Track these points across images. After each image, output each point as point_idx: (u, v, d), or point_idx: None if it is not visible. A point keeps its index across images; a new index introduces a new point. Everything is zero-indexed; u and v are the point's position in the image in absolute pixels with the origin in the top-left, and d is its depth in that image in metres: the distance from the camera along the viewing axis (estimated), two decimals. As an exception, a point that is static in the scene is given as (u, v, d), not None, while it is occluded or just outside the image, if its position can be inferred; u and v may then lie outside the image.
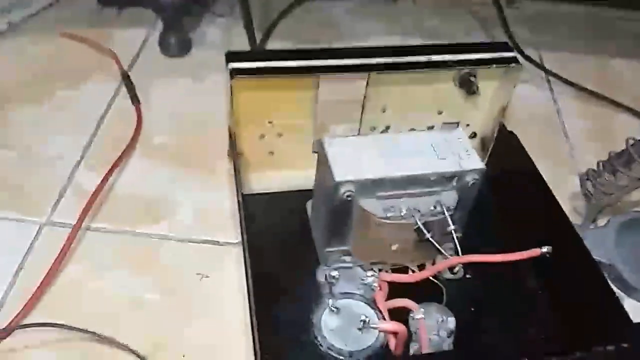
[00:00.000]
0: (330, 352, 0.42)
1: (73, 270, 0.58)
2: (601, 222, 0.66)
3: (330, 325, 0.44)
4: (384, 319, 0.44)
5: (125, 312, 0.55)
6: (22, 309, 0.53)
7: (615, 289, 0.60)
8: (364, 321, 0.43)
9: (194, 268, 0.59)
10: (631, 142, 0.58)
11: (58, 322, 0.52)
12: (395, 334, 0.43)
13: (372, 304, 0.46)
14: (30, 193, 0.65)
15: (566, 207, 0.68)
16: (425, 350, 0.45)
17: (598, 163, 0.61)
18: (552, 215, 0.55)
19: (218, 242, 0.62)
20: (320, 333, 0.43)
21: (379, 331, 0.43)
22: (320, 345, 0.43)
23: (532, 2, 1.04)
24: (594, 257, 0.61)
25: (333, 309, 0.44)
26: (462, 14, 1.01)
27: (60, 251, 0.57)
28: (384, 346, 0.43)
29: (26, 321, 0.53)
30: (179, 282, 0.58)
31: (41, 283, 0.55)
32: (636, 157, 0.57)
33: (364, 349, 0.42)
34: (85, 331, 0.52)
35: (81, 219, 0.59)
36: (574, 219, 0.65)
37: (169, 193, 0.66)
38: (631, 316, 0.58)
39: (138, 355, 0.51)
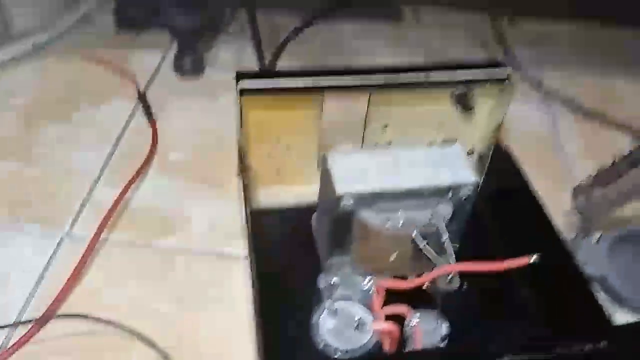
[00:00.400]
0: (326, 349, 0.45)
1: (91, 280, 0.61)
2: (594, 236, 0.68)
3: (328, 325, 0.46)
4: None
5: (140, 320, 0.57)
6: (42, 317, 0.57)
7: (607, 300, 0.63)
8: (359, 321, 0.45)
9: (206, 279, 0.62)
10: (619, 156, 0.61)
11: (89, 315, 0.56)
12: (388, 333, 0.45)
13: (368, 306, 0.48)
14: (52, 206, 0.69)
15: (561, 222, 0.70)
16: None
17: (588, 177, 0.64)
18: (543, 230, 0.57)
19: (229, 254, 0.65)
20: (317, 332, 0.46)
21: (374, 331, 0.46)
22: (318, 343, 0.45)
23: (533, 21, 1.07)
24: (587, 270, 0.64)
25: (330, 309, 0.47)
26: (465, 35, 1.04)
27: (79, 262, 0.60)
28: (378, 345, 0.46)
29: (45, 330, 0.57)
30: (191, 292, 0.61)
31: (60, 291, 0.58)
32: (624, 172, 0.60)
33: (358, 347, 0.45)
34: (116, 325, 0.55)
35: (99, 232, 0.63)
36: (569, 234, 0.68)
37: (183, 207, 0.70)
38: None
39: (161, 352, 0.54)
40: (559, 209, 0.72)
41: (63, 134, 0.79)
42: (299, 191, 0.66)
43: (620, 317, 0.62)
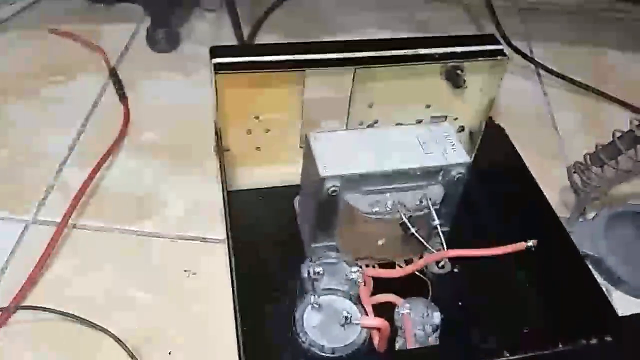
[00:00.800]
0: (312, 348, 0.42)
1: (59, 268, 0.58)
2: (590, 214, 0.66)
3: (313, 321, 0.43)
4: (367, 314, 0.44)
5: (113, 309, 0.54)
6: (8, 305, 0.53)
7: (603, 281, 0.61)
8: (346, 317, 0.42)
9: (182, 265, 0.59)
10: (618, 134, 0.58)
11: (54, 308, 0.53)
12: (378, 329, 0.42)
13: (356, 299, 0.45)
14: (17, 190, 0.65)
15: (556, 200, 0.68)
16: (410, 345, 0.45)
17: (585, 155, 0.61)
18: (539, 209, 0.55)
19: (206, 238, 0.62)
20: (302, 329, 0.43)
21: (362, 327, 0.43)
22: (303, 342, 0.42)
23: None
24: (583, 249, 0.62)
25: (315, 305, 0.43)
26: (452, 6, 1.01)
27: (46, 249, 0.57)
28: (367, 342, 0.43)
29: (12, 318, 0.53)
30: (167, 279, 0.58)
31: (26, 280, 0.55)
32: (623, 150, 0.57)
33: (346, 345, 0.42)
34: (81, 319, 0.52)
35: (67, 217, 0.59)
36: (563, 212, 0.65)
37: (157, 189, 0.66)
38: (619, 307, 0.59)
39: (126, 348, 0.51)
40: (554, 186, 0.70)
41: (29, 112, 0.74)
42: (281, 171, 0.62)
43: (617, 297, 0.60)
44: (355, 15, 0.97)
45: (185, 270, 0.58)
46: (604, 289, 0.60)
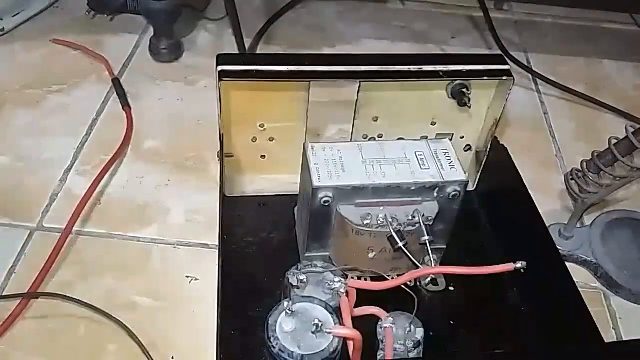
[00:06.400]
0: (281, 353, 0.42)
1: (63, 274, 0.58)
2: (588, 220, 0.67)
3: (286, 327, 0.43)
4: (342, 324, 0.44)
5: (116, 314, 0.55)
6: (13, 312, 0.54)
7: (601, 286, 0.62)
8: (317, 325, 0.42)
9: (184, 271, 0.59)
10: (614, 141, 0.59)
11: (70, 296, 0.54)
12: (351, 340, 0.42)
13: (331, 308, 0.45)
14: (22, 198, 0.65)
15: (554, 206, 0.69)
16: (390, 358, 0.44)
17: (582, 162, 0.62)
18: (536, 233, 0.55)
19: (208, 245, 0.62)
20: (274, 334, 0.43)
21: (333, 336, 0.43)
22: (273, 347, 0.42)
23: (519, 5, 1.05)
24: (581, 256, 0.63)
25: (288, 311, 0.44)
26: (450, 16, 1.02)
27: (50, 256, 0.57)
28: (339, 353, 0.43)
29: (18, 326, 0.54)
30: (169, 285, 0.58)
31: (31, 287, 0.55)
32: (619, 157, 0.58)
33: (316, 353, 0.42)
34: (96, 309, 0.53)
35: (71, 224, 0.60)
36: (562, 219, 0.66)
37: (160, 196, 0.67)
38: (617, 312, 0.60)
39: (139, 342, 0.52)
40: (552, 193, 0.71)
41: (33, 122, 0.75)
42: (285, 179, 0.63)
43: (616, 302, 0.61)
44: (354, 26, 0.98)
45: (187, 276, 0.59)
46: (602, 295, 0.61)
